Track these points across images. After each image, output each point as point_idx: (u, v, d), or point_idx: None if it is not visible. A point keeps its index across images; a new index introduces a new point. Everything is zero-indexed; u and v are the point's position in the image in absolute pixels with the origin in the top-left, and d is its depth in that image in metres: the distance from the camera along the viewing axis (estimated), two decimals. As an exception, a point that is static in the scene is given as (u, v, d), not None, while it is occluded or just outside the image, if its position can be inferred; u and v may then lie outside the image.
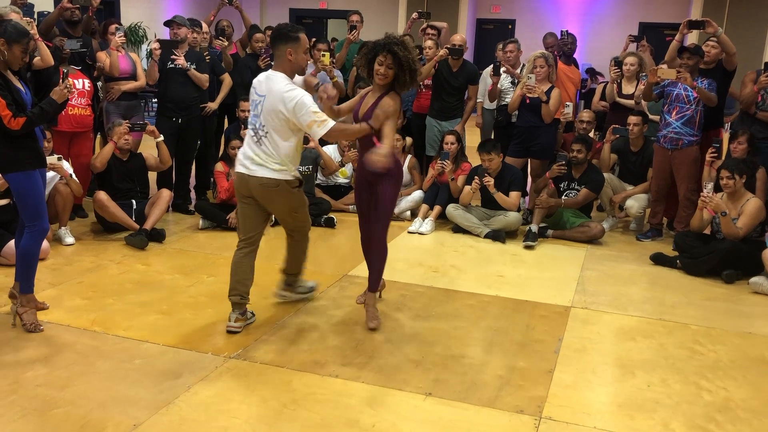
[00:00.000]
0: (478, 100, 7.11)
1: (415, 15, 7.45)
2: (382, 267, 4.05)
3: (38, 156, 3.68)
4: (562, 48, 7.23)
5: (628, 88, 6.61)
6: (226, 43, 6.91)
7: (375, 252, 4.02)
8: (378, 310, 4.06)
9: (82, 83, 5.72)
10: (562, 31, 7.32)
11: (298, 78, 3.84)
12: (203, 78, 6.19)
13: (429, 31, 6.97)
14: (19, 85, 3.69)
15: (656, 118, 6.23)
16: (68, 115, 5.63)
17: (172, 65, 6.05)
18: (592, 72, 12.26)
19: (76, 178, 5.36)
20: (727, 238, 5.11)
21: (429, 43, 6.66)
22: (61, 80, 3.77)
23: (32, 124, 3.58)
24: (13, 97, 3.55)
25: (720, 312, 4.49)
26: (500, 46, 7.12)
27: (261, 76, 3.86)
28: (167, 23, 6.23)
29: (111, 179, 5.57)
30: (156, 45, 5.99)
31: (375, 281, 4.05)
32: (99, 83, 6.16)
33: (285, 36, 3.71)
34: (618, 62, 6.62)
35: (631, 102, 6.52)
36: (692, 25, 5.82)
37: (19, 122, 3.51)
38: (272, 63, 6.97)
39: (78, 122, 5.74)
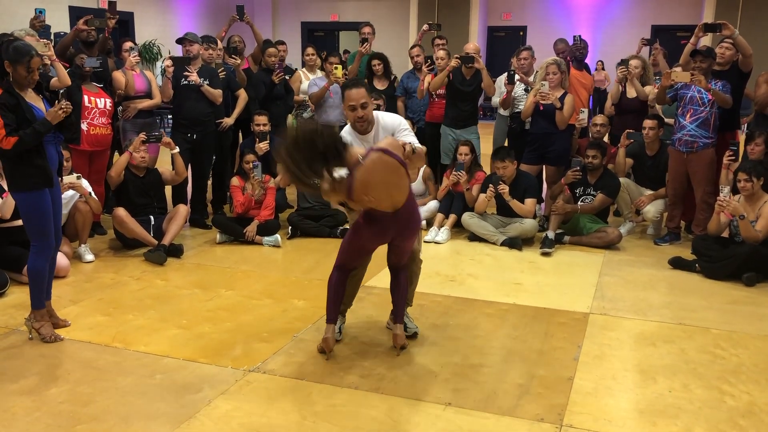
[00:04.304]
0: (492, 104, 7.16)
1: (425, 26, 7.51)
2: (405, 297, 3.85)
3: (45, 176, 3.72)
4: (575, 53, 7.23)
5: (632, 92, 6.61)
6: (239, 61, 6.97)
7: (400, 290, 3.76)
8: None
9: (103, 102, 5.80)
10: (574, 37, 7.32)
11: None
12: (217, 93, 6.24)
13: (438, 41, 7.05)
14: (38, 103, 3.75)
15: (671, 121, 6.20)
16: (89, 134, 5.71)
17: (186, 82, 6.11)
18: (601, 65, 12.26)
19: (95, 196, 5.43)
20: (747, 241, 5.07)
21: (441, 53, 6.71)
22: (57, 101, 3.78)
23: (23, 144, 3.61)
24: (24, 115, 3.62)
25: (741, 315, 4.45)
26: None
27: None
28: (179, 41, 6.30)
29: (128, 194, 5.63)
30: (168, 62, 6.05)
31: (403, 312, 3.84)
32: (119, 108, 6.25)
33: None
34: (625, 61, 6.64)
35: (643, 90, 6.49)
36: (708, 28, 5.79)
37: (10, 141, 3.57)
38: (286, 77, 7.08)
39: (98, 141, 5.81)
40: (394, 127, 3.76)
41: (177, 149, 5.80)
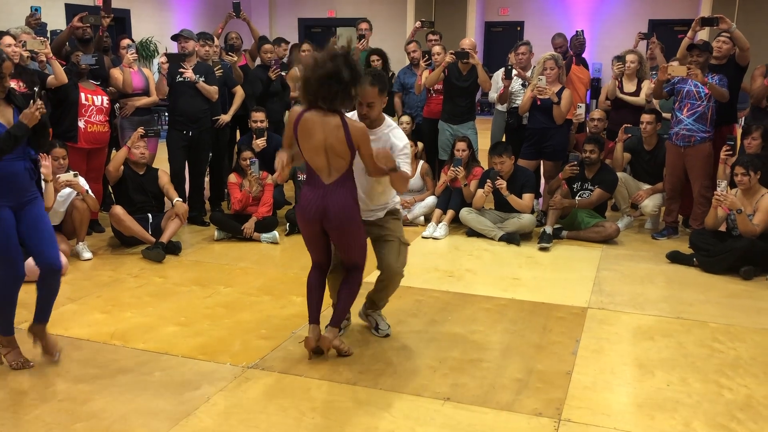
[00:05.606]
0: (489, 100, 7.18)
1: (417, 24, 7.53)
2: (352, 303, 3.74)
3: (11, 191, 3.32)
4: (577, 48, 7.22)
5: (629, 86, 6.61)
6: (235, 58, 6.96)
7: (347, 289, 3.66)
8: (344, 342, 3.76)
9: (100, 100, 5.78)
10: (578, 31, 7.32)
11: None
12: (212, 90, 6.22)
13: (431, 37, 7.06)
14: (7, 114, 3.36)
15: (668, 115, 6.21)
16: (86, 132, 5.70)
17: (181, 78, 6.09)
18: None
19: (92, 194, 5.42)
20: (744, 235, 5.07)
21: (437, 48, 6.71)
22: (32, 101, 3.35)
23: None
24: None
25: (739, 309, 4.46)
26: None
27: None
28: (174, 37, 6.29)
29: (127, 191, 5.63)
30: (163, 59, 6.04)
31: (341, 316, 3.71)
32: (116, 105, 6.23)
33: None
34: (620, 57, 6.63)
35: (635, 99, 6.50)
36: (705, 22, 5.79)
37: None
38: (282, 74, 7.07)
39: (96, 139, 5.81)
40: (398, 146, 3.57)
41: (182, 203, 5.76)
